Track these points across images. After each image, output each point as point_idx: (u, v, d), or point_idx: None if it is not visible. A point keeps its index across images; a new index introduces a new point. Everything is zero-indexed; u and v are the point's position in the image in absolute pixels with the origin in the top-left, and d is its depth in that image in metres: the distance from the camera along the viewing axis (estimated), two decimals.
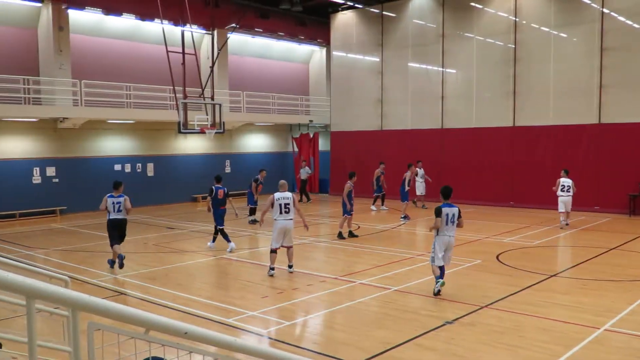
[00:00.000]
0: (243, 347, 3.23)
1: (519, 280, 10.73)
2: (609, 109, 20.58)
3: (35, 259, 13.47)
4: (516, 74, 22.58)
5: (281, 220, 11.39)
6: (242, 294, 10.31)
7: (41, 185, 21.44)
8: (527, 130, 22.43)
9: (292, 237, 11.73)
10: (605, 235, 16.01)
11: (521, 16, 22.51)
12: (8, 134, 20.77)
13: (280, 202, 11.37)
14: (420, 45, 25.58)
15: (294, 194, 11.87)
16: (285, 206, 11.36)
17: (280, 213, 11.36)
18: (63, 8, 21.61)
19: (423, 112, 25.51)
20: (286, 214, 11.38)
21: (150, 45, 24.66)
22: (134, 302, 9.60)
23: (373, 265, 12.31)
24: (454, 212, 9.78)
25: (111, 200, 12.30)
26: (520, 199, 22.29)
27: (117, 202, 12.28)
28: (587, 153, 21.01)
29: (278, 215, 11.37)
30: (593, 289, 10.15)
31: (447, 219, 9.71)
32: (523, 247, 14.32)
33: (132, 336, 3.06)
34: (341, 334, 8.04)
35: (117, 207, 12.27)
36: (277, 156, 30.31)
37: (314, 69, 32.80)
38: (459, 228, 9.97)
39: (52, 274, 6.08)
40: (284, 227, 11.45)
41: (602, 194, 20.59)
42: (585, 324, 8.11)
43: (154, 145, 25.08)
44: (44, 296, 2.46)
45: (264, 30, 28.04)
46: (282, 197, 11.40)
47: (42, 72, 21.91)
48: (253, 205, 19.20)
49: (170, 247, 15.04)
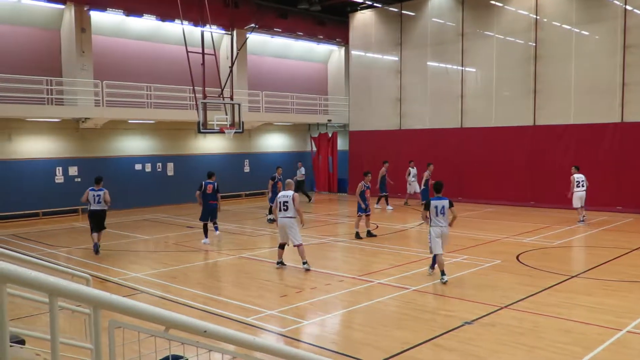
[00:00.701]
0: (262, 345, 3.25)
1: (539, 281, 10.63)
2: (631, 107, 20.26)
3: (58, 257, 13.67)
4: (537, 72, 22.34)
5: (279, 217, 11.95)
6: (261, 292, 10.36)
7: (64, 184, 21.74)
8: (548, 130, 22.18)
9: (293, 235, 11.95)
10: (628, 236, 15.77)
11: (542, 14, 22.27)
12: (31, 134, 21.10)
13: (280, 200, 11.97)
14: (440, 44, 25.44)
15: (295, 194, 12.10)
16: (284, 204, 11.87)
17: (280, 210, 11.93)
18: (85, 10, 21.89)
19: (442, 112, 25.37)
20: (284, 212, 11.86)
21: (170, 45, 24.86)
22: (154, 301, 9.70)
23: (391, 265, 12.29)
24: (444, 204, 10.70)
25: (92, 193, 14.00)
26: (541, 198, 22.06)
27: (97, 194, 13.99)
28: (610, 152, 20.71)
29: (278, 212, 11.97)
30: (615, 290, 10.01)
31: (437, 211, 10.66)
32: (543, 247, 14.18)
33: (152, 334, 3.10)
34: (359, 334, 8.04)
35: (96, 199, 13.97)
36: (296, 156, 30.31)
37: (332, 68, 32.79)
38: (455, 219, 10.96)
39: (74, 272, 6.17)
40: (281, 224, 11.95)
41: (624, 194, 20.29)
42: (606, 325, 8.01)
43: (174, 145, 25.28)
44: (66, 294, 2.51)
45: (282, 30, 28.11)
46: (282, 195, 12.03)
47: (65, 73, 22.21)
48: (272, 203, 19.19)
49: (190, 246, 15.15)
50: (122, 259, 13.63)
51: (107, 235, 17.02)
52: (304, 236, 16.34)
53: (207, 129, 19.81)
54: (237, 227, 18.27)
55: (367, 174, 15.88)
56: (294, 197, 11.93)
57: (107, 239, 16.42)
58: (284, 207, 11.87)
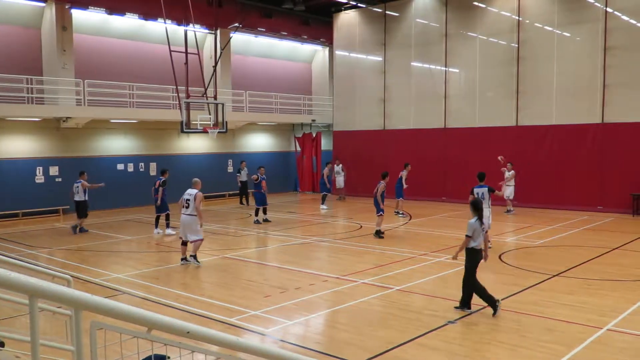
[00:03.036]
0: (245, 346, 3.23)
1: (522, 280, 10.72)
2: (612, 108, 20.52)
3: (38, 258, 13.50)
4: (519, 73, 22.53)
5: (181, 214, 12.41)
6: (245, 293, 10.31)
7: (44, 184, 21.48)
8: (530, 130, 22.38)
9: (190, 232, 12.30)
10: (609, 235, 15.97)
11: (524, 15, 22.47)
12: (11, 134, 20.81)
13: (184, 197, 12.39)
14: (423, 44, 25.55)
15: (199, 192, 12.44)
16: (186, 201, 12.32)
17: (182, 207, 12.39)
18: (66, 8, 21.66)
19: (426, 112, 25.48)
20: (185, 209, 12.31)
21: (153, 44, 24.69)
22: (136, 302, 9.61)
23: (375, 265, 12.31)
24: (484, 191, 13.11)
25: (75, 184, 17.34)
26: (523, 198, 22.23)
27: (76, 185, 17.26)
28: (591, 153, 20.96)
29: (181, 209, 12.44)
30: (596, 289, 10.13)
31: (478, 196, 12.43)
32: (525, 246, 14.30)
33: (134, 335, 3.07)
34: (344, 334, 8.04)
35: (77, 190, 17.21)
36: (279, 156, 30.32)
37: (316, 68, 32.80)
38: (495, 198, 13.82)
39: (55, 273, 6.09)
40: (181, 221, 12.42)
41: (605, 194, 20.54)
42: (588, 323, 8.10)
43: (157, 145, 25.10)
44: (47, 295, 2.47)
45: (267, 29, 28.05)
46: (186, 193, 12.42)
47: (46, 72, 21.95)
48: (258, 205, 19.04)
49: (173, 246, 15.05)
50: (104, 260, 13.50)
51: (89, 236, 16.88)
52: (289, 236, 16.37)
53: (191, 129, 19.70)
54: (221, 227, 18.19)
55: (386, 175, 16.08)
56: (197, 196, 12.27)
57: (89, 239, 16.28)
58: (186, 205, 12.28)
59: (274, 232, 17.21)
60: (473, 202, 9.07)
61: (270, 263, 13.12)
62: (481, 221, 8.75)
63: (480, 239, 8.76)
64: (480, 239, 8.76)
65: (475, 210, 8.80)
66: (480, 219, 8.74)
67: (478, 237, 8.72)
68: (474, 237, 8.70)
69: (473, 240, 8.71)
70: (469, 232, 8.66)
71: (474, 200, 9.27)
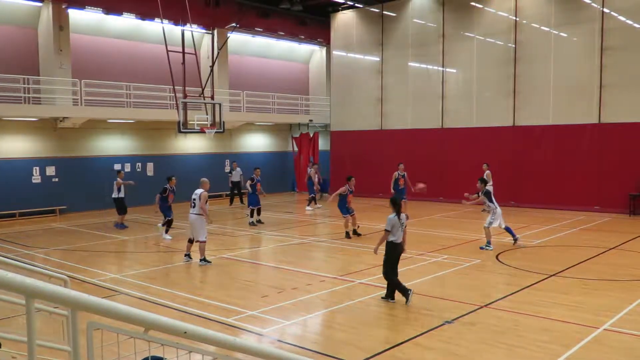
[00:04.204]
0: (243, 346, 3.23)
1: (519, 280, 10.73)
2: (609, 108, 20.56)
3: (35, 259, 13.47)
4: (516, 73, 22.57)
5: (189, 213, 12.64)
6: (242, 293, 10.31)
7: (41, 184, 21.43)
8: (527, 130, 22.42)
9: (197, 232, 12.54)
10: (606, 235, 16.01)
11: (521, 16, 22.50)
12: (8, 134, 20.75)
13: (192, 197, 12.60)
14: (421, 44, 25.57)
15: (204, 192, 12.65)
16: (193, 201, 12.55)
17: (190, 207, 12.63)
18: (63, 7, 21.59)
19: (423, 112, 25.50)
20: (192, 209, 12.56)
21: (150, 44, 24.64)
22: (133, 302, 9.60)
23: (372, 265, 12.30)
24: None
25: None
26: (520, 198, 22.27)
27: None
28: (587, 153, 20.99)
29: (190, 209, 12.66)
30: (593, 289, 10.15)
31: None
32: (523, 246, 14.31)
33: (131, 336, 3.06)
34: (341, 334, 8.04)
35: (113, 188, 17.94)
36: (277, 156, 30.30)
37: (314, 68, 32.78)
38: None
39: (52, 274, 6.08)
40: (190, 221, 12.67)
41: (602, 194, 20.58)
42: (585, 323, 8.12)
43: (154, 145, 25.06)
44: (44, 295, 2.46)
45: (264, 29, 28.03)
46: (194, 193, 12.61)
47: (42, 72, 21.90)
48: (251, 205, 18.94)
49: (170, 246, 15.04)
50: (101, 260, 13.48)
51: (86, 236, 16.85)
52: (286, 236, 16.37)
53: (188, 129, 19.68)
54: (218, 227, 18.16)
55: (350, 178, 16.05)
56: (201, 195, 12.43)
57: (86, 239, 16.25)
58: (193, 204, 12.52)
59: (271, 232, 17.20)
60: (392, 199, 9.59)
61: (268, 263, 13.12)
62: (399, 216, 9.21)
63: (399, 233, 9.25)
64: (399, 233, 9.25)
65: (394, 206, 9.31)
66: (398, 215, 9.20)
67: (397, 231, 9.22)
68: (393, 232, 9.18)
69: (392, 234, 9.18)
70: (388, 227, 9.15)
71: (393, 197, 9.78)
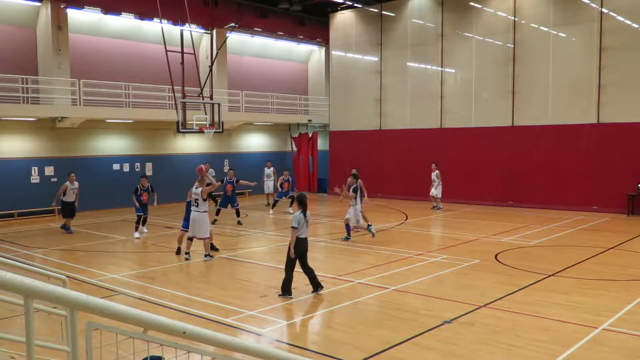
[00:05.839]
0: (241, 346, 3.23)
1: (517, 280, 10.74)
2: (607, 108, 20.58)
3: (34, 259, 13.46)
4: (515, 73, 22.59)
5: (192, 211, 12.98)
6: (241, 293, 10.31)
7: (39, 184, 21.41)
8: (526, 130, 22.44)
9: (200, 229, 12.90)
10: (604, 235, 16.02)
11: (520, 16, 22.51)
12: (6, 134, 20.73)
13: (193, 196, 12.97)
14: (420, 44, 25.59)
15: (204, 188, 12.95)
16: (195, 200, 12.91)
17: (192, 206, 12.98)
18: (62, 7, 21.58)
19: (422, 112, 25.51)
20: (195, 207, 12.93)
21: (149, 44, 24.63)
22: (132, 302, 9.59)
23: (371, 265, 12.32)
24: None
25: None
26: (519, 198, 22.30)
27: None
28: (586, 153, 21.02)
29: (192, 208, 13.02)
30: (591, 289, 10.16)
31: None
32: (521, 246, 14.33)
33: (130, 336, 3.06)
34: (340, 334, 8.04)
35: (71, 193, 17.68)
36: (276, 155, 30.27)
37: (313, 68, 32.79)
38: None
39: (50, 274, 6.07)
40: (192, 218, 12.97)
41: (600, 194, 20.60)
42: (583, 323, 8.12)
43: (153, 145, 25.05)
44: (42, 295, 2.46)
45: (263, 29, 28.03)
46: (193, 192, 12.98)
47: (41, 72, 21.88)
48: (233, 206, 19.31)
49: (169, 246, 15.02)
50: (100, 260, 13.47)
51: (85, 236, 16.83)
52: (285, 236, 16.35)
53: (187, 129, 19.66)
54: (216, 227, 18.15)
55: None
56: (202, 192, 12.81)
57: (85, 239, 16.23)
58: (195, 203, 12.88)
59: (270, 232, 17.20)
60: (298, 197, 10.00)
61: (266, 263, 13.11)
62: (305, 214, 9.68)
63: (304, 229, 9.73)
64: (304, 229, 9.73)
65: (300, 205, 9.77)
66: (304, 212, 9.67)
67: (302, 228, 9.67)
68: (299, 228, 9.63)
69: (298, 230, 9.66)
70: (295, 224, 9.60)
71: (299, 195, 10.11)
